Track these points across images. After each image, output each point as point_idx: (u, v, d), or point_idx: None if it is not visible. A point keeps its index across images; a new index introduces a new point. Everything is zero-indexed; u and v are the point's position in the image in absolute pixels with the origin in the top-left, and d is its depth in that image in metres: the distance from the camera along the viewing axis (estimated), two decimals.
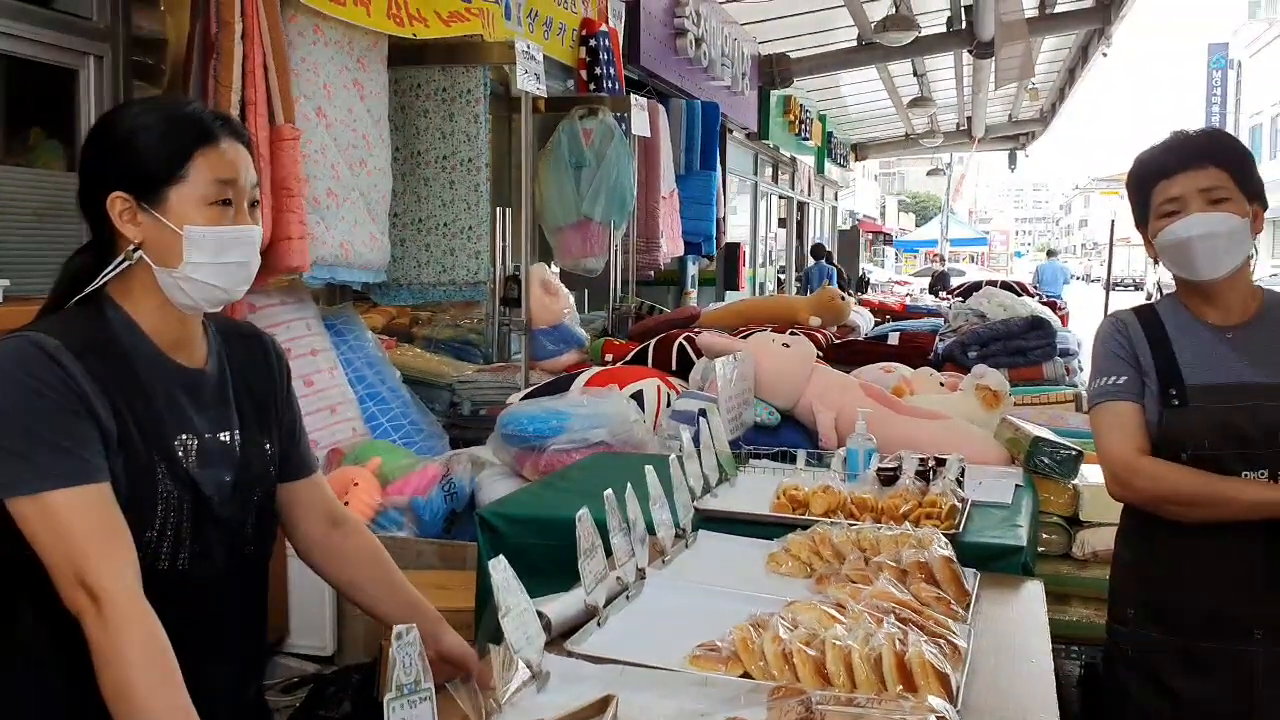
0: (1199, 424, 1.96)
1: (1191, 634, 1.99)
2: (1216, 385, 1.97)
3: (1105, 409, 2.06)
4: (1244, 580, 1.94)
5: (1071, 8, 11.24)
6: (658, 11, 7.51)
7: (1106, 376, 2.07)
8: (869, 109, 15.93)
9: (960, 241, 39.40)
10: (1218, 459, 1.95)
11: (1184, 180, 2.00)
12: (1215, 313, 2.05)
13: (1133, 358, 2.05)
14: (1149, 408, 2.02)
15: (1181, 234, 1.99)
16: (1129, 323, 2.10)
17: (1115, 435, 2.03)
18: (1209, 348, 2.02)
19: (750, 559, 2.24)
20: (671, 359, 4.06)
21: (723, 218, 8.66)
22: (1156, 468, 1.98)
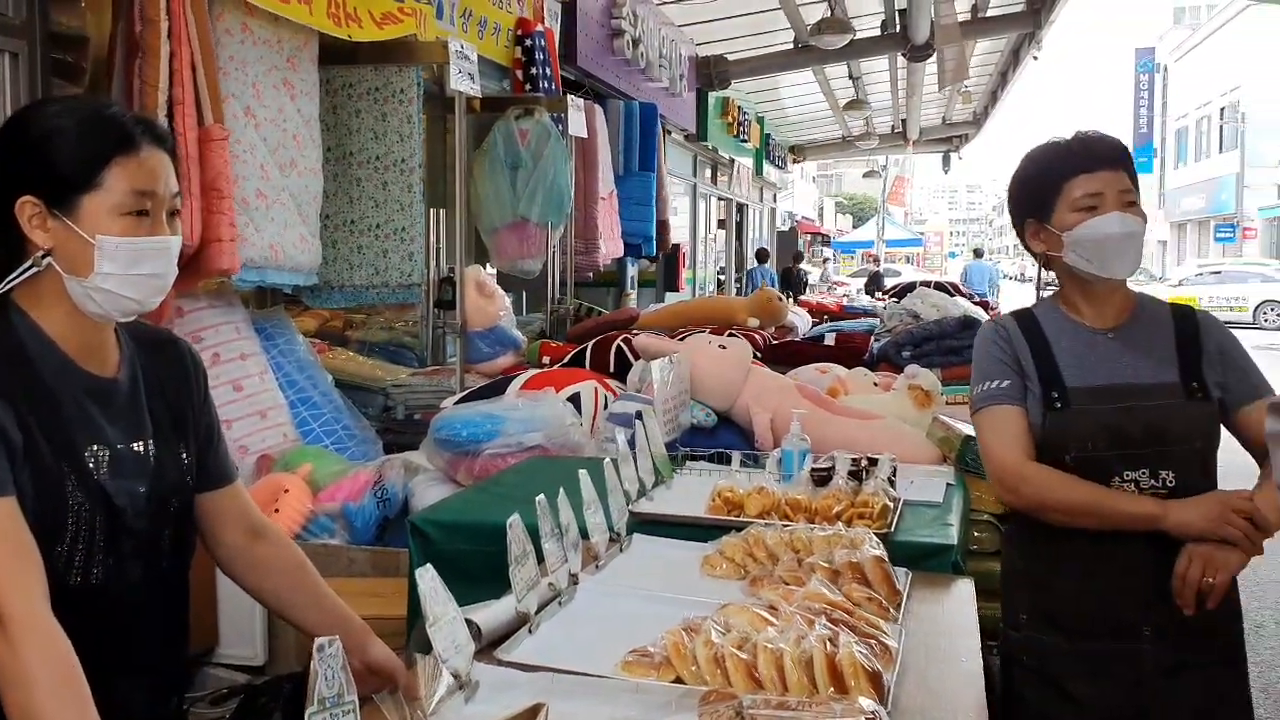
0: (1081, 426, 1.99)
1: (1082, 636, 2.01)
2: (1097, 387, 2.00)
3: (989, 413, 2.07)
4: (1130, 581, 1.97)
5: (1003, 11, 11.43)
6: (594, 12, 7.49)
7: (989, 381, 2.08)
8: (806, 111, 16.07)
9: (896, 243, 39.89)
10: (1101, 460, 1.98)
11: (1105, 178, 2.02)
12: (1094, 314, 2.09)
13: (1014, 361, 2.07)
14: (1032, 410, 2.03)
15: (1108, 230, 2.01)
16: (1009, 327, 2.11)
17: (1001, 441, 2.05)
18: (1088, 349, 2.05)
19: (685, 562, 2.23)
20: (609, 361, 4.04)
21: (666, 220, 8.67)
22: (1043, 475, 2.00)
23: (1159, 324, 2.08)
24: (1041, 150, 2.14)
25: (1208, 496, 1.92)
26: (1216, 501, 1.90)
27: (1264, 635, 4.89)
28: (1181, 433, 1.98)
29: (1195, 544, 1.90)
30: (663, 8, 9.09)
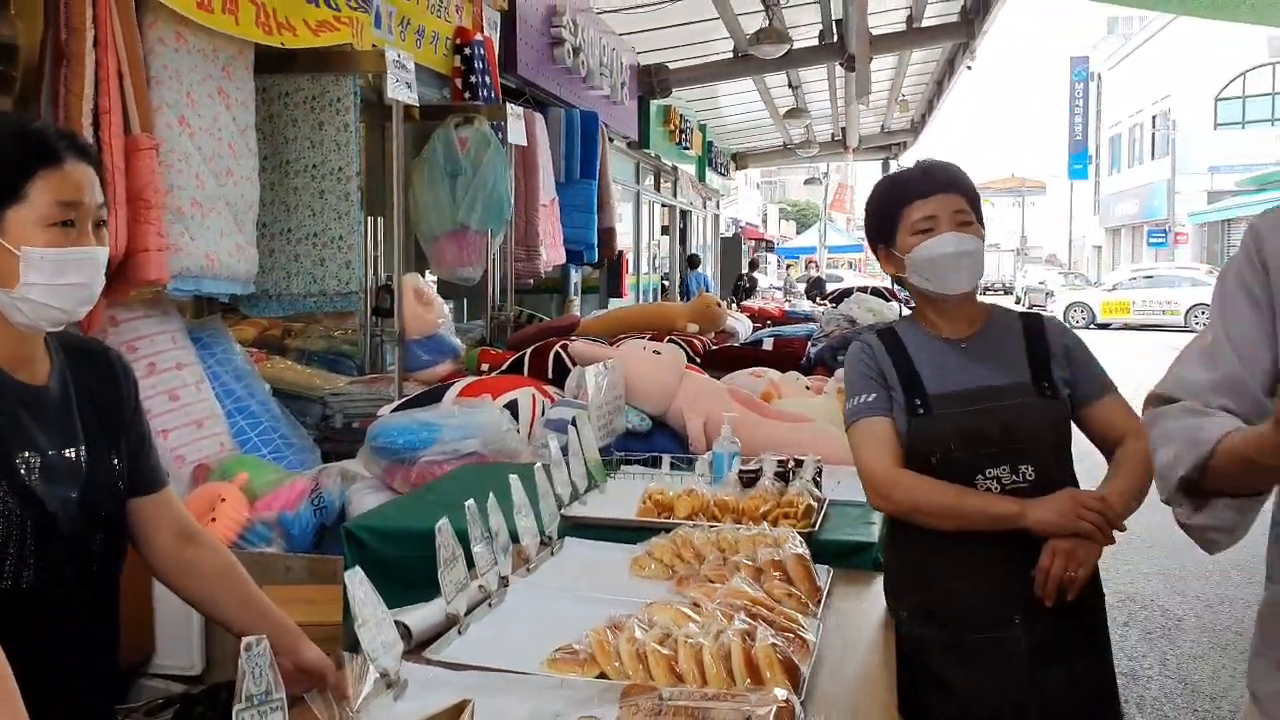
0: (942, 429, 2.11)
1: (957, 629, 2.11)
2: (955, 392, 2.12)
3: (860, 426, 2.19)
4: (999, 574, 2.07)
5: (937, 22, 11.63)
6: (534, 21, 7.54)
7: (859, 396, 2.21)
8: (748, 119, 16.22)
9: (838, 248, 40.29)
10: (963, 460, 2.09)
11: (940, 201, 2.17)
12: (948, 326, 2.22)
13: (880, 376, 2.19)
14: (898, 419, 2.15)
15: (942, 249, 2.15)
16: (874, 344, 2.24)
17: (871, 450, 2.16)
18: (945, 359, 2.18)
19: (615, 564, 2.29)
20: (548, 368, 4.09)
21: (612, 227, 8.73)
22: (911, 481, 2.11)
23: (1009, 331, 2.23)
24: (887, 180, 2.31)
25: (1061, 494, 2.04)
26: (1069, 498, 2.02)
27: (1184, 629, 5.07)
28: (1035, 429, 2.11)
29: (1057, 540, 2.02)
30: (603, 16, 9.15)
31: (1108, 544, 2.04)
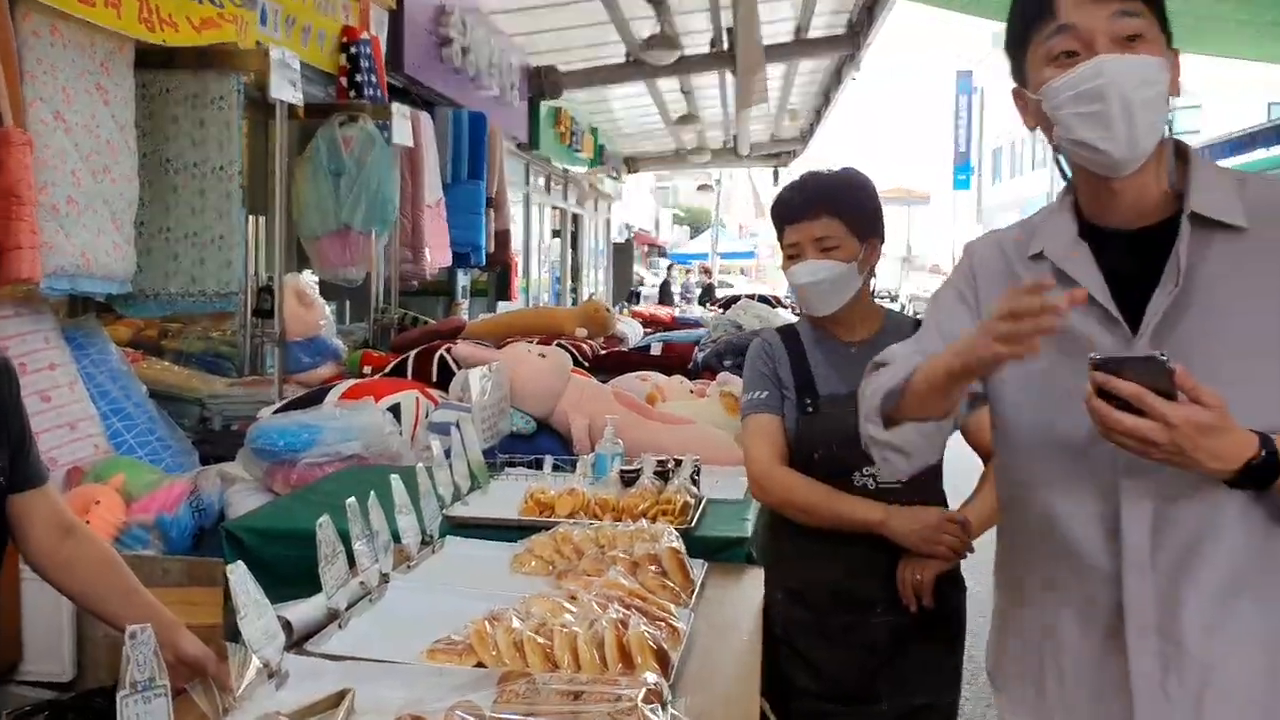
0: (826, 428, 2.24)
1: (824, 612, 2.28)
2: (844, 394, 2.24)
3: (750, 421, 2.33)
4: (865, 562, 2.23)
5: (824, 34, 11.91)
6: (423, 20, 7.50)
7: (752, 392, 2.35)
8: (640, 123, 16.34)
9: (730, 255, 40.85)
10: (842, 458, 2.23)
11: (802, 229, 2.31)
12: (843, 330, 2.36)
13: (774, 374, 2.33)
14: (789, 415, 2.30)
15: (798, 280, 2.31)
16: (773, 343, 2.38)
17: (757, 445, 2.30)
18: (838, 360, 2.32)
19: (496, 561, 2.33)
20: (432, 371, 4.10)
21: (506, 230, 8.73)
22: (787, 478, 2.26)
23: (901, 337, 2.34)
24: (777, 197, 2.42)
25: (924, 512, 2.18)
26: (931, 519, 2.17)
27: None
28: None
29: (911, 555, 2.19)
30: (493, 17, 9.14)
31: (961, 555, 2.20)
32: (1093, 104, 1.45)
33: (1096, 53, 1.45)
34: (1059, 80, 1.48)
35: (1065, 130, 1.50)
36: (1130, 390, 1.31)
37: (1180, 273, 1.46)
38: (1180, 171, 1.53)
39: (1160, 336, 1.46)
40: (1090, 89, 1.45)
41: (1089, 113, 1.46)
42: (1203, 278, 1.46)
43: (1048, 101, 1.50)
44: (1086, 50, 1.46)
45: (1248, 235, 1.47)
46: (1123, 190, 1.52)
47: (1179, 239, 1.47)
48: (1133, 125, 1.44)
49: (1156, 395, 1.31)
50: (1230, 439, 1.34)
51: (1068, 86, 1.47)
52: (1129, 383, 1.31)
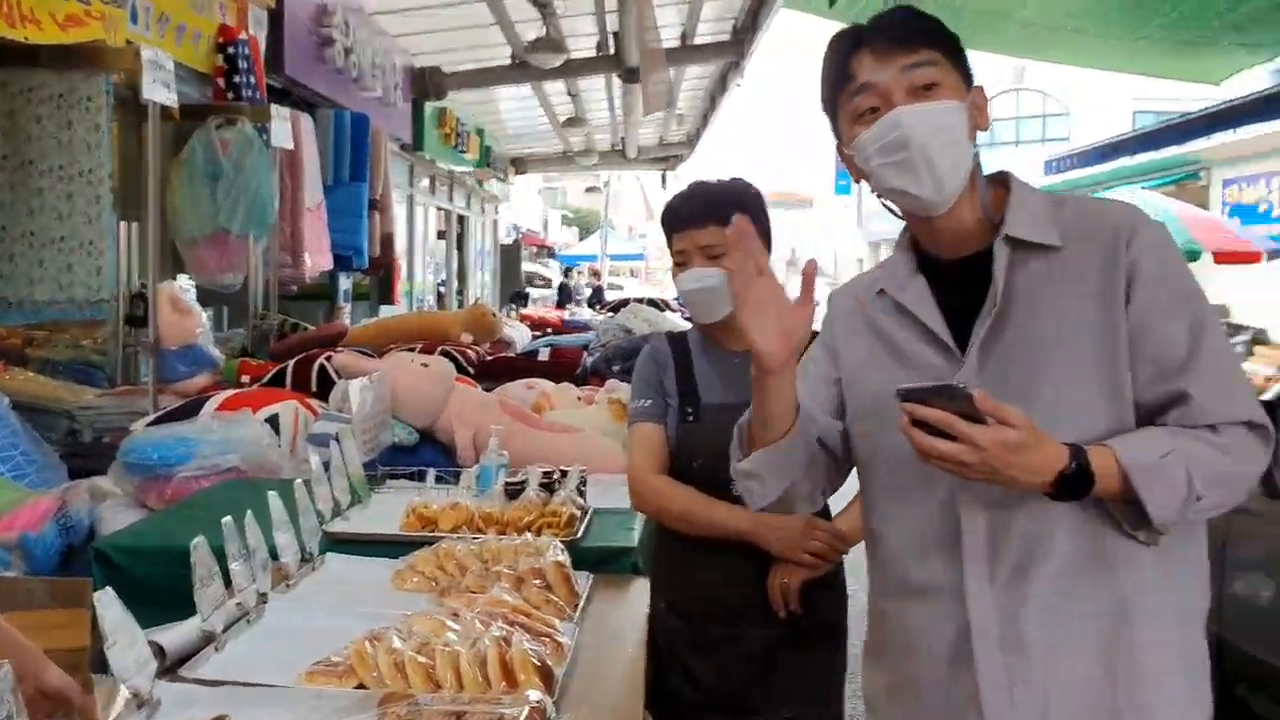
0: (706, 436, 2.26)
1: (705, 621, 2.31)
2: (727, 403, 2.27)
3: (634, 429, 2.37)
4: (737, 572, 2.27)
5: (709, 40, 12.05)
6: (303, 20, 7.34)
7: (638, 400, 2.38)
8: (526, 125, 16.26)
9: (620, 256, 40.96)
10: (720, 468, 2.22)
11: (690, 237, 2.33)
12: (731, 339, 2.37)
13: (659, 383, 2.36)
14: (671, 423, 2.33)
15: (684, 286, 2.34)
16: (661, 350, 2.41)
17: (637, 454, 2.34)
18: (722, 370, 2.35)
19: (377, 578, 2.31)
20: (312, 380, 4.01)
21: (390, 233, 8.59)
22: (663, 486, 2.30)
23: None
24: (668, 204, 2.45)
25: (795, 523, 2.22)
26: (801, 528, 2.21)
27: None
28: None
29: (781, 562, 2.23)
30: (376, 18, 8.99)
31: (833, 560, 2.25)
32: (896, 153, 1.55)
33: (894, 105, 1.55)
34: (864, 135, 1.58)
35: (879, 181, 1.60)
36: (937, 417, 1.39)
37: (998, 294, 1.54)
38: (1001, 199, 1.63)
39: (985, 355, 1.55)
40: (891, 140, 1.55)
41: (894, 162, 1.56)
42: (1022, 297, 1.55)
43: (858, 156, 1.61)
44: (886, 105, 1.56)
45: (1062, 254, 1.56)
46: (943, 226, 1.62)
47: (995, 262, 1.56)
48: (934, 168, 1.54)
49: (964, 420, 1.38)
50: (1040, 454, 1.41)
51: (872, 140, 1.57)
52: (935, 410, 1.39)
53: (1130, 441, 1.46)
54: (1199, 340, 1.50)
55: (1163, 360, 1.50)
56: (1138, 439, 1.47)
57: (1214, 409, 1.48)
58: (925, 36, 1.59)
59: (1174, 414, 1.49)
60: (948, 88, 1.57)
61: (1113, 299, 1.52)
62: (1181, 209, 12.48)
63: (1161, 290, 1.51)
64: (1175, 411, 1.49)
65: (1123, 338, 1.51)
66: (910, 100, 1.55)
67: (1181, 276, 1.54)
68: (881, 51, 1.58)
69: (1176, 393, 1.49)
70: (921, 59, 1.57)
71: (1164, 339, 1.50)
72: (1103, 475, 1.43)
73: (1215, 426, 1.47)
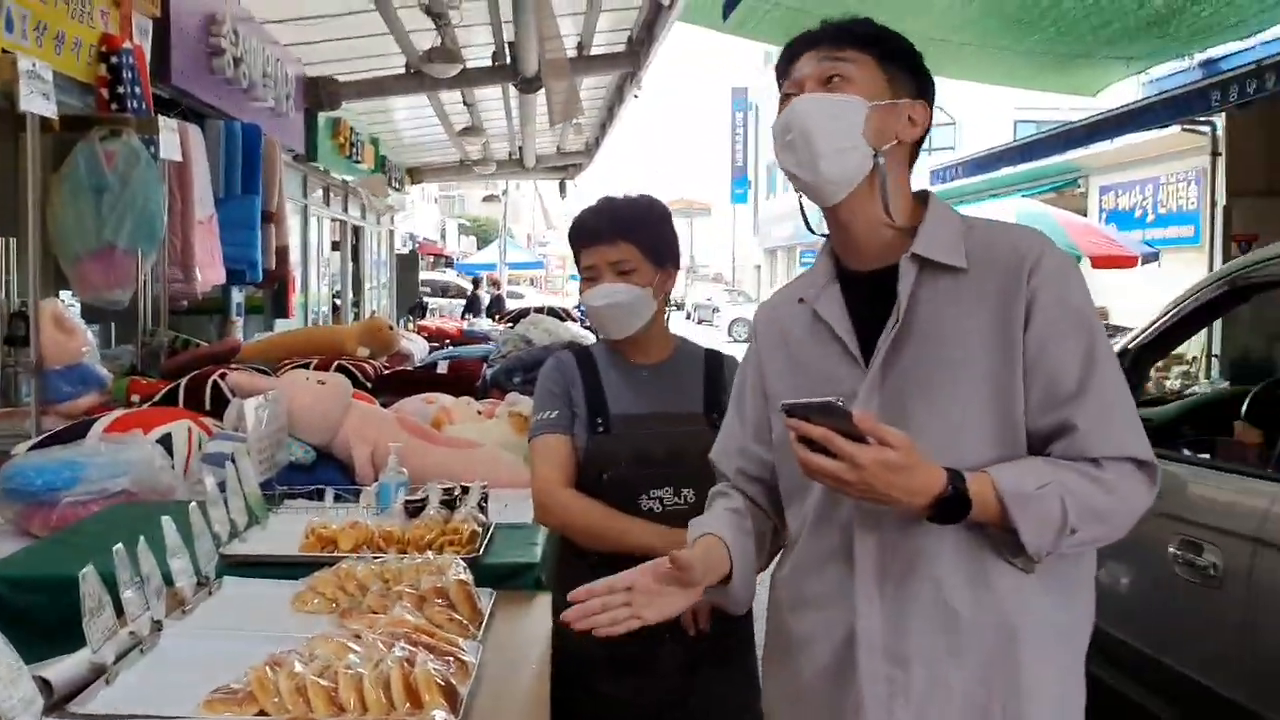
0: (617, 448, 2.30)
1: (615, 641, 2.24)
2: (634, 415, 2.32)
3: (538, 441, 2.36)
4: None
5: (605, 51, 12.11)
6: (191, 29, 7.16)
7: (542, 411, 2.37)
8: (422, 134, 16.11)
9: (518, 265, 40.78)
10: (630, 479, 2.29)
11: (599, 252, 2.36)
12: (638, 353, 2.42)
13: (565, 394, 2.37)
14: (580, 435, 2.33)
15: (591, 302, 2.36)
16: (567, 362, 2.42)
17: (542, 466, 2.33)
18: (631, 382, 2.38)
19: (277, 600, 2.27)
20: (205, 399, 3.92)
21: (285, 245, 8.41)
22: (570, 500, 2.29)
23: (692, 363, 2.45)
24: (575, 218, 2.47)
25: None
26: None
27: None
28: (701, 456, 2.27)
29: None
30: (267, 26, 8.83)
31: None
32: (785, 135, 1.63)
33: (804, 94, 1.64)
34: (776, 123, 1.67)
35: (779, 162, 1.67)
36: (818, 433, 1.43)
37: (901, 310, 1.59)
38: (916, 215, 1.68)
39: (888, 369, 1.59)
40: (781, 123, 1.64)
41: (784, 143, 1.64)
42: (925, 314, 1.59)
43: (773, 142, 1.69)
44: (799, 94, 1.65)
45: (968, 276, 1.60)
46: (848, 230, 1.68)
47: (900, 279, 1.61)
48: (812, 149, 1.60)
49: (846, 438, 1.41)
50: (918, 476, 1.45)
51: (776, 125, 1.66)
52: (817, 426, 1.42)
53: (1010, 470, 1.49)
54: (1090, 373, 1.52)
55: (1053, 389, 1.53)
56: (1018, 468, 1.50)
57: (1099, 443, 1.50)
58: (857, 40, 1.65)
59: (1060, 444, 1.52)
60: (857, 84, 1.63)
61: (1012, 324, 1.55)
62: (1060, 215, 12.99)
63: (1058, 320, 1.55)
64: (1061, 442, 1.52)
65: (1018, 363, 1.54)
66: (817, 90, 1.63)
67: (1080, 309, 1.57)
68: (812, 49, 1.66)
69: (1064, 423, 1.51)
70: (833, 53, 1.64)
71: (1056, 368, 1.53)
72: (980, 502, 1.46)
73: (1099, 461, 1.50)
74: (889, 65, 1.66)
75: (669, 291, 2.45)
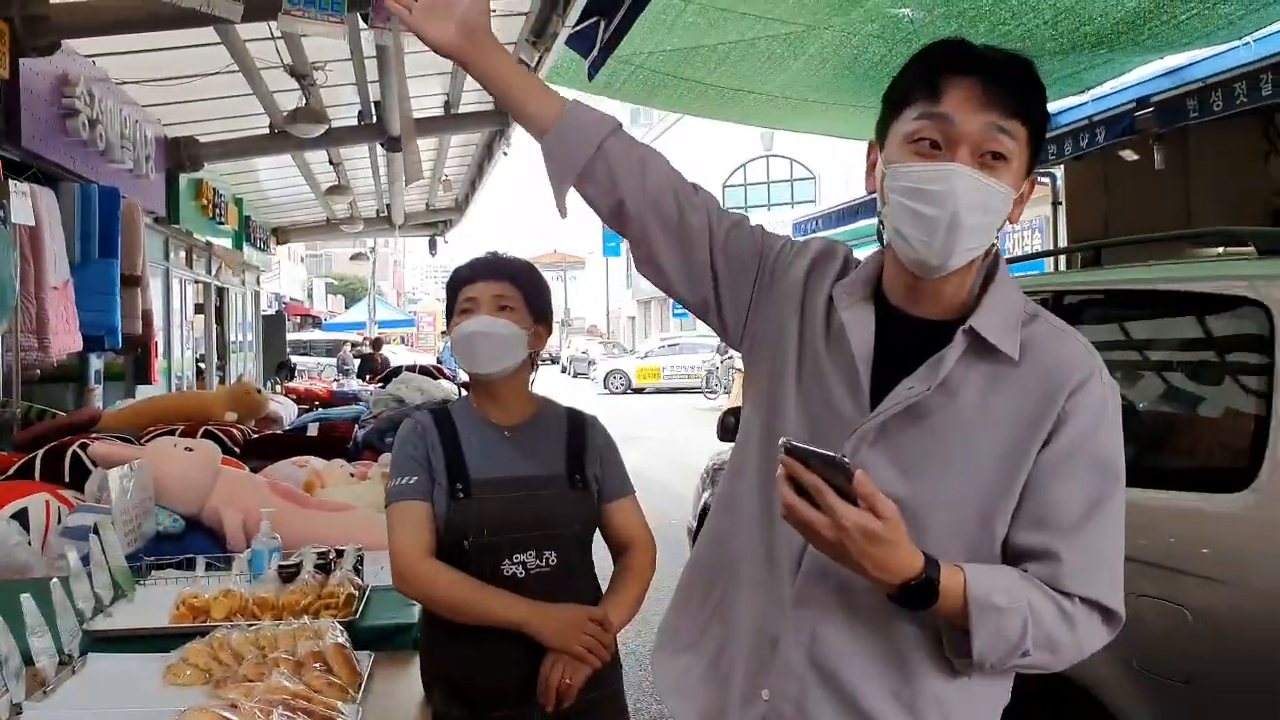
0: (478, 514, 2.26)
1: (484, 706, 2.26)
2: (496, 479, 2.30)
3: (396, 508, 2.29)
4: (519, 654, 2.22)
5: (474, 109, 12.19)
6: (42, 90, 6.97)
7: (400, 477, 2.31)
8: (288, 194, 15.88)
9: (389, 323, 40.27)
10: (493, 545, 2.26)
11: (482, 286, 2.36)
12: (499, 412, 2.40)
13: (425, 459, 2.31)
14: (440, 500, 2.28)
15: (460, 333, 2.34)
16: (426, 425, 2.36)
17: (400, 535, 2.27)
18: (492, 445, 2.35)
19: (146, 675, 2.21)
20: (64, 470, 3.79)
21: (149, 309, 8.17)
22: (431, 571, 2.24)
23: (555, 424, 2.44)
24: (458, 267, 2.47)
25: (567, 612, 2.22)
26: (573, 617, 2.21)
27: None
28: (564, 520, 2.33)
29: (556, 652, 2.20)
30: (125, 87, 8.64)
31: (602, 661, 2.23)
32: (927, 206, 1.44)
33: (955, 156, 1.44)
34: (907, 168, 1.47)
35: (893, 216, 1.49)
36: (810, 481, 1.37)
37: (936, 380, 1.49)
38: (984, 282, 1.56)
39: (891, 426, 1.51)
40: (931, 192, 1.44)
41: (919, 212, 1.45)
42: (958, 390, 1.50)
43: (890, 180, 1.49)
44: (949, 148, 1.45)
45: (1011, 374, 1.50)
46: (922, 287, 1.55)
47: (950, 347, 1.50)
48: (953, 242, 1.45)
49: (836, 493, 1.36)
50: (896, 554, 1.39)
51: (912, 178, 1.46)
52: (812, 475, 1.37)
53: (985, 577, 1.44)
54: (1093, 514, 1.48)
55: (1052, 516, 1.48)
56: (994, 576, 1.45)
57: (1078, 582, 1.46)
58: (1024, 104, 1.46)
59: (1037, 566, 1.47)
60: (1013, 170, 1.47)
61: (1033, 437, 1.48)
62: None
63: (1081, 451, 1.48)
64: (1040, 565, 1.47)
65: (1022, 475, 1.48)
66: (973, 163, 1.44)
67: (1107, 445, 1.50)
68: (981, 93, 1.44)
69: (1050, 550, 1.47)
70: (1009, 126, 1.44)
71: (1062, 497, 1.48)
72: (947, 598, 1.41)
73: (1071, 596, 1.46)
74: (1035, 139, 1.50)
75: (538, 351, 2.45)
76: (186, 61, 8.25)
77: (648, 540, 2.42)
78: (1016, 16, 7.85)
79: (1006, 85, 1.45)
